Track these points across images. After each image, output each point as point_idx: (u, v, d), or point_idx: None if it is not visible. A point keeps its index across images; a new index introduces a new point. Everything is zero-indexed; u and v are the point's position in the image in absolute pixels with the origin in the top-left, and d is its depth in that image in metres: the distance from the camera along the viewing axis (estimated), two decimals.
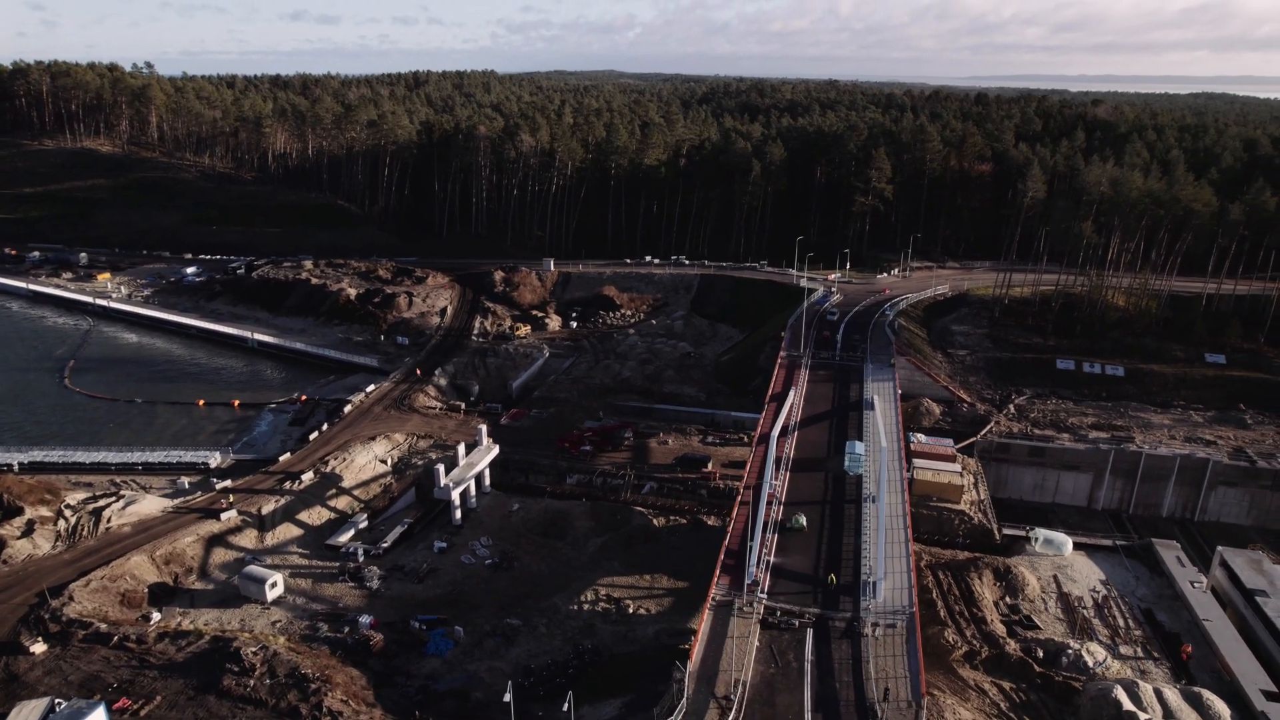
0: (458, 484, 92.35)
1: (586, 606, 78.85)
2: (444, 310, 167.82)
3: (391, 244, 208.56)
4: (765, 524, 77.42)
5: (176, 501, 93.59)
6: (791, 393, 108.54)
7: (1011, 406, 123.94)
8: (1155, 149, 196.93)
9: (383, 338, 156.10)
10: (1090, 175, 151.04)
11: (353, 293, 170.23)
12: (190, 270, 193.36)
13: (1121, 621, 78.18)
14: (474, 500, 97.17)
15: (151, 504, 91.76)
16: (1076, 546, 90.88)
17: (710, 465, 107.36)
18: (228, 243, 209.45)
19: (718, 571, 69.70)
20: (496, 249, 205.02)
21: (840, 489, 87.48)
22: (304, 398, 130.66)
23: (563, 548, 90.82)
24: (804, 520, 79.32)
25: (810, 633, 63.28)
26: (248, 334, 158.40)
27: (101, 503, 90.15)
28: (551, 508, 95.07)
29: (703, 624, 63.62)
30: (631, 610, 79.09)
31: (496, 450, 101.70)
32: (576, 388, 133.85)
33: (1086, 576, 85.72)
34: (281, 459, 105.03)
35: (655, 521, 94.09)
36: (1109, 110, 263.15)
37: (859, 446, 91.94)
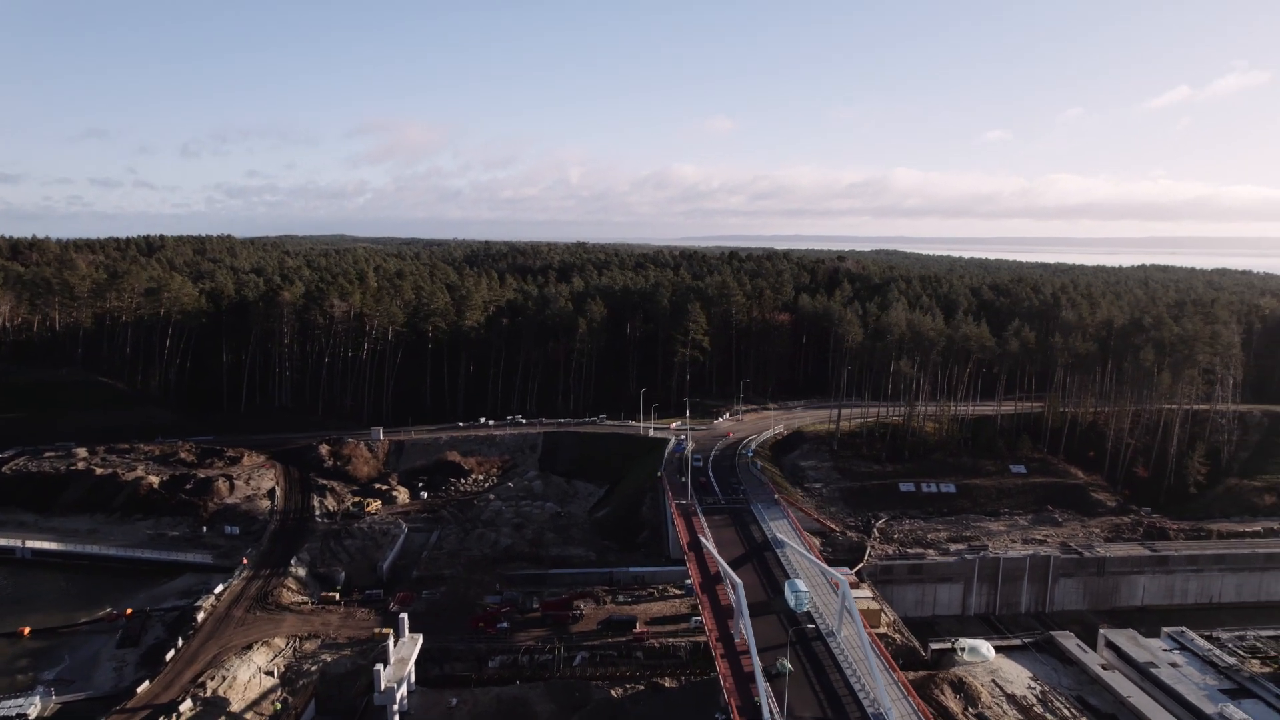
0: (398, 684, 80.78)
1: None
2: (272, 492, 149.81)
3: (180, 423, 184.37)
4: (751, 674, 76.09)
5: None
6: (704, 540, 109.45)
7: (875, 531, 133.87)
8: (909, 295, 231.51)
9: (206, 529, 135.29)
10: (893, 318, 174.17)
11: (155, 480, 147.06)
12: None
13: (1067, 712, 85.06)
14: (404, 702, 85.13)
15: None
16: (995, 649, 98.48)
17: (638, 625, 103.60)
18: None
19: None
20: (306, 421, 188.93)
21: (796, 627, 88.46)
22: (129, 611, 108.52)
23: None
24: (788, 663, 78.93)
25: None
26: (15, 542, 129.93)
27: None
28: (504, 696, 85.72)
29: None
30: None
31: (421, 640, 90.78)
32: (457, 562, 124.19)
33: (1017, 676, 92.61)
34: (139, 690, 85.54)
35: (613, 693, 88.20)
36: (855, 264, 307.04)
37: (801, 584, 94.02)
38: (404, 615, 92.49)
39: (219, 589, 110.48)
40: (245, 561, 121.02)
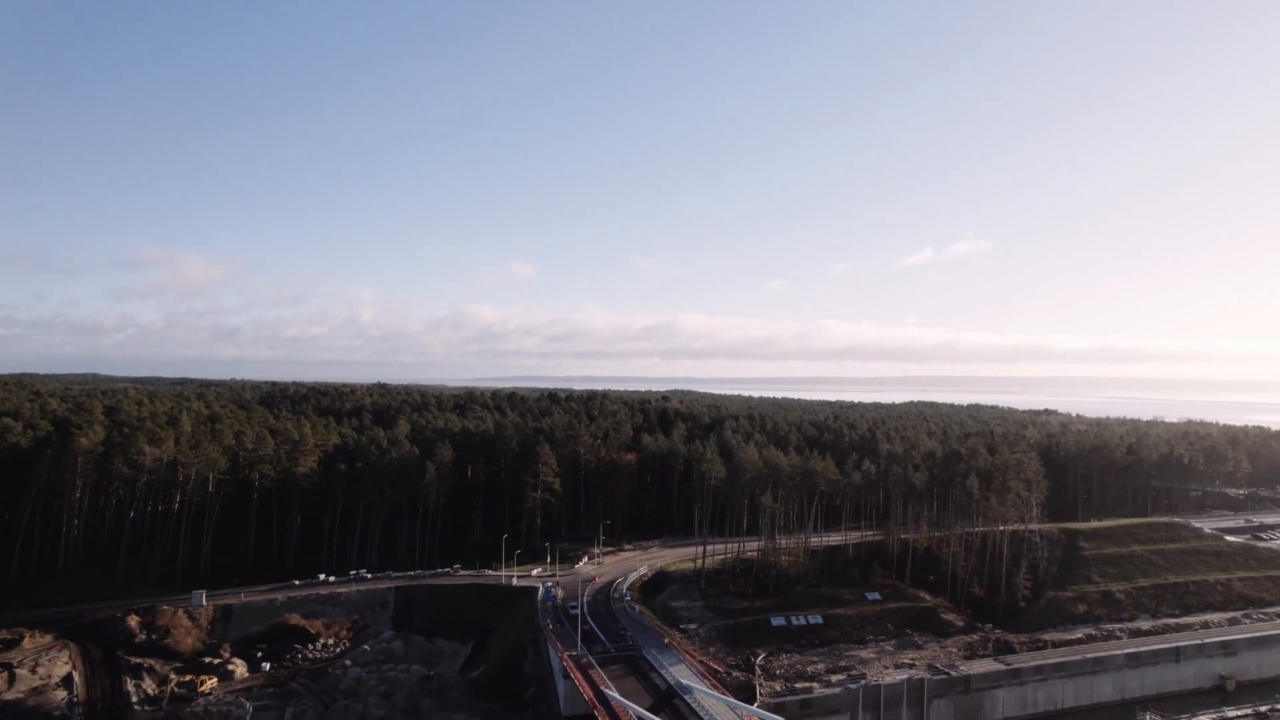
0: None
1: None
2: (68, 679, 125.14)
3: None
4: None
5: None
6: (608, 691, 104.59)
7: (757, 668, 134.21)
8: (741, 432, 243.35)
9: None
10: (748, 454, 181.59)
11: None
12: None
13: None
14: None
15: None
16: None
17: None
18: None
19: None
20: (104, 588, 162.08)
21: None
22: None
23: None
24: None
25: None
26: None
27: None
28: None
29: None
30: None
31: None
32: None
33: None
34: None
35: None
36: (680, 404, 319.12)
37: None
38: None
39: None
40: None
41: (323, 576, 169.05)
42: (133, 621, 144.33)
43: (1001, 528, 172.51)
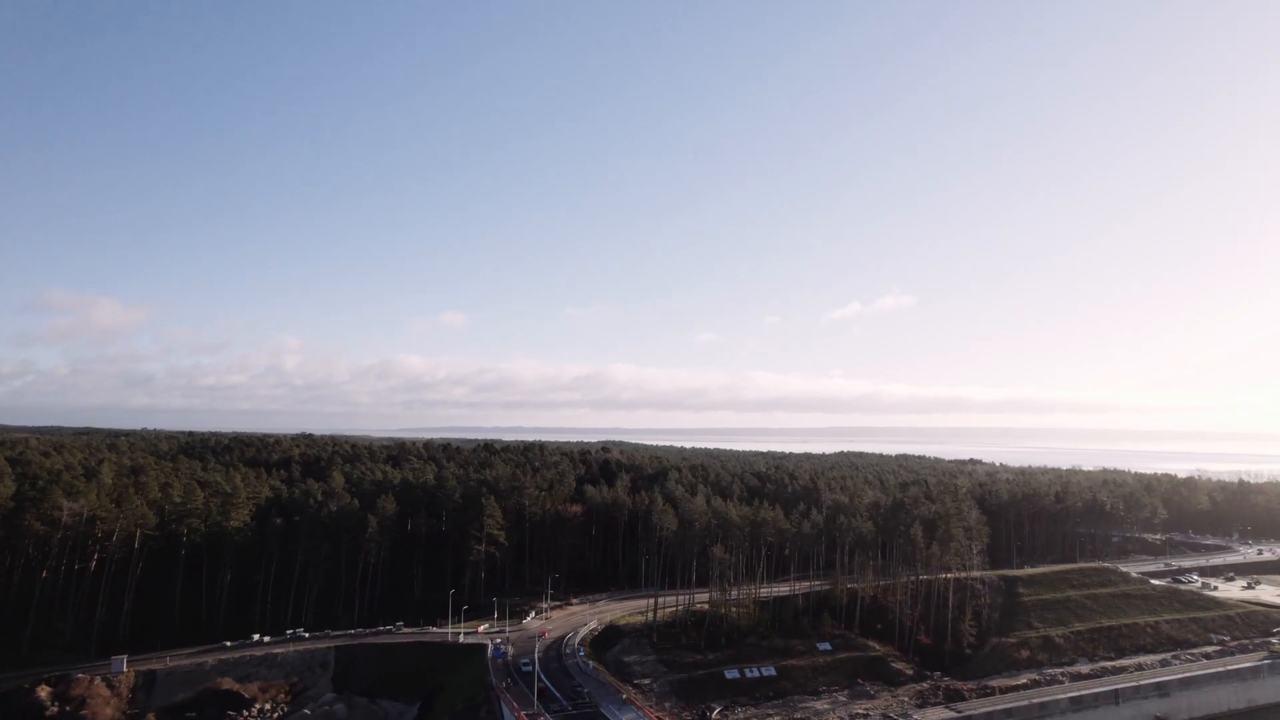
0: None
1: None
2: None
3: None
4: None
5: None
6: None
7: None
8: (684, 483, 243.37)
9: None
10: (697, 505, 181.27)
11: None
12: None
13: None
14: None
15: None
16: None
17: None
18: None
19: None
20: (8, 655, 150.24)
21: None
22: None
23: None
24: None
25: None
26: None
27: None
28: None
29: None
30: None
31: None
32: None
33: None
34: None
35: None
36: (620, 454, 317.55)
37: None
38: None
39: None
40: None
41: (256, 637, 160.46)
42: (43, 692, 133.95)
43: (945, 575, 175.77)
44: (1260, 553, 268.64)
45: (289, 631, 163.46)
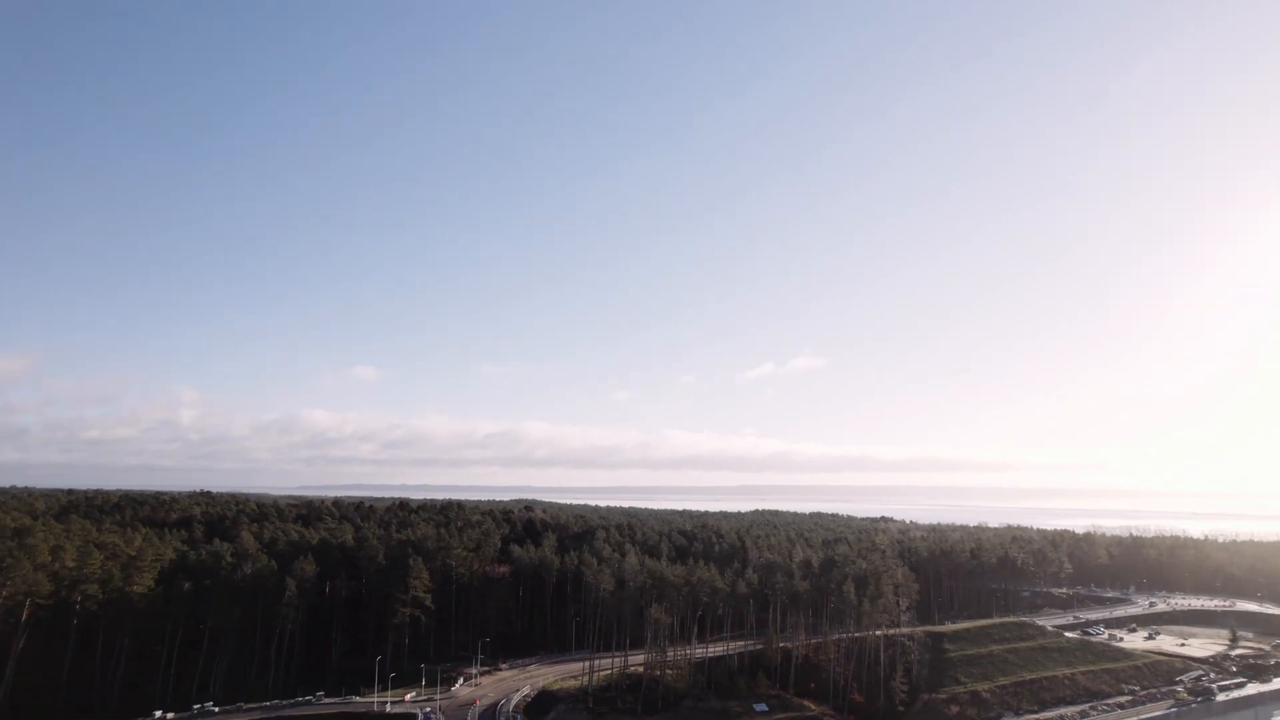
0: None
1: None
2: None
3: None
4: None
5: None
6: None
7: None
8: (612, 543, 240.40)
9: None
10: (629, 564, 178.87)
11: None
12: None
13: None
14: None
15: None
16: None
17: None
18: None
19: None
20: None
21: None
22: None
23: None
24: None
25: None
26: None
27: None
28: None
29: None
30: None
31: None
32: None
33: None
34: None
35: None
36: (543, 513, 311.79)
37: None
38: None
39: None
40: None
41: (159, 714, 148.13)
42: None
43: (876, 632, 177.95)
44: (1151, 605, 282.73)
45: (196, 706, 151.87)
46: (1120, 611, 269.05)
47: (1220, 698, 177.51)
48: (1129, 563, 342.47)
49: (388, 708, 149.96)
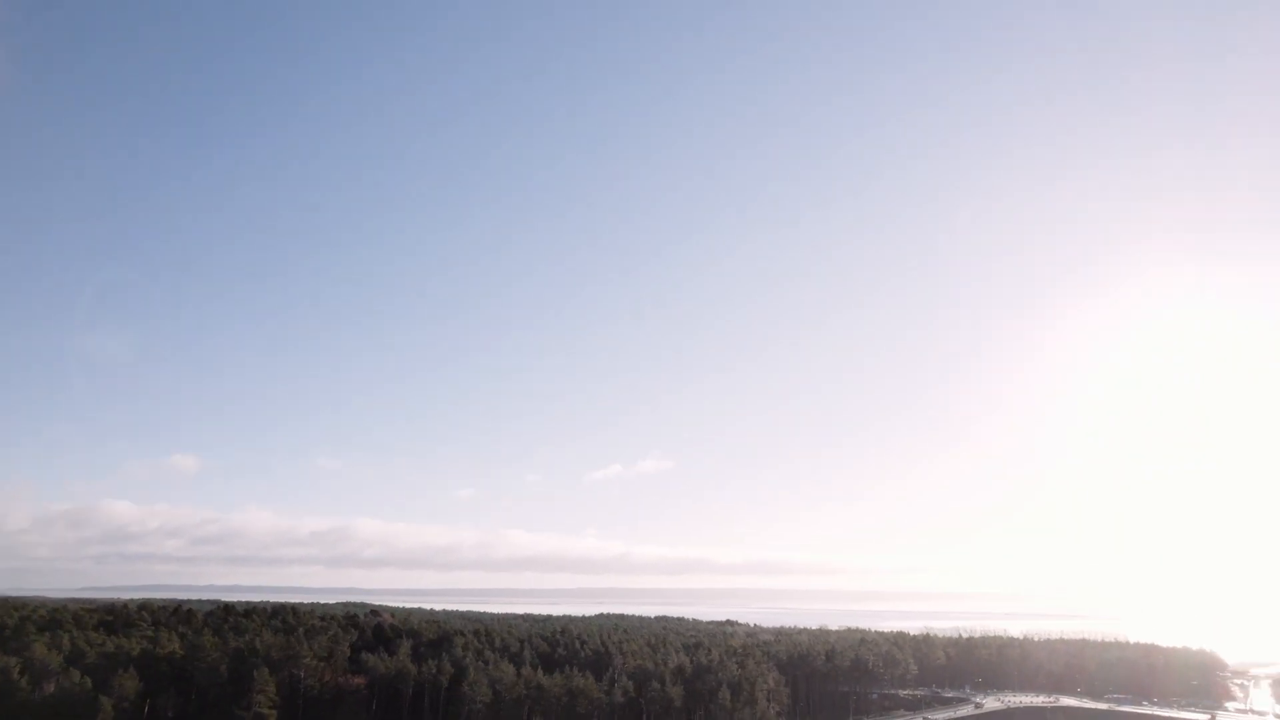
0: None
1: None
2: None
3: None
4: None
5: None
6: None
7: None
8: (473, 649, 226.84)
9: None
10: (504, 673, 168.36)
11: None
12: None
13: None
14: None
15: None
16: None
17: None
18: None
19: None
20: None
21: None
22: None
23: None
24: None
25: None
26: None
27: None
28: None
29: None
30: None
31: None
32: None
33: None
34: None
35: None
36: (390, 618, 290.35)
37: None
38: None
39: None
40: None
41: None
42: None
43: None
44: (981, 705, 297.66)
45: None
46: (963, 711, 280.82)
47: None
48: (964, 663, 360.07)
49: None
